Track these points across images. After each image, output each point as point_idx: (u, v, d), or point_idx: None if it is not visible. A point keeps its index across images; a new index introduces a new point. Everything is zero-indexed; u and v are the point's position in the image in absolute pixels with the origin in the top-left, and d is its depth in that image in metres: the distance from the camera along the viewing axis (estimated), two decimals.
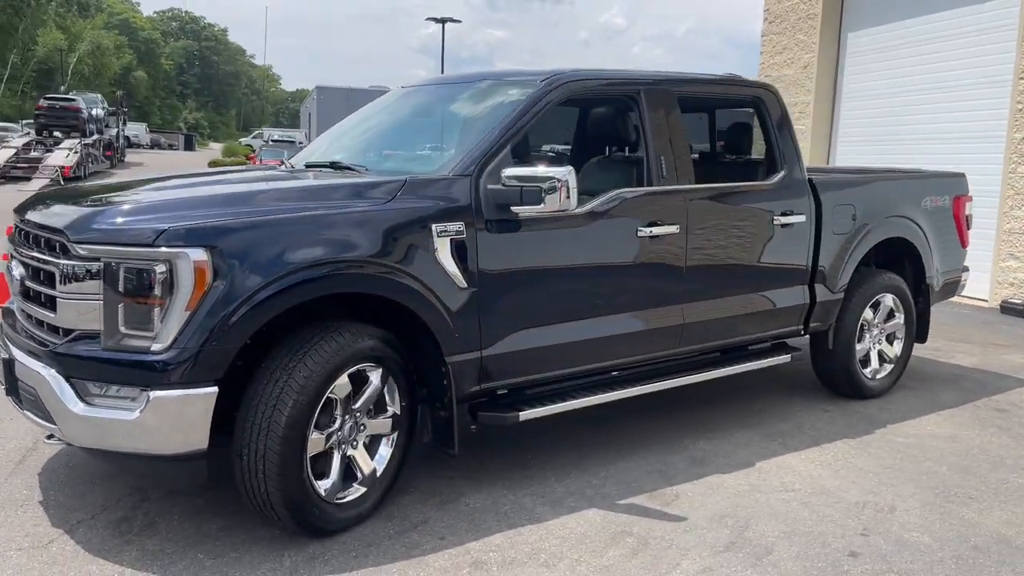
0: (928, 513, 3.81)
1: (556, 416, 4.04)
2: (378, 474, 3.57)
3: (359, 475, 3.51)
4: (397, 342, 3.55)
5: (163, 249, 2.99)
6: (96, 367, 3.06)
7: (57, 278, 3.15)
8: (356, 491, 3.49)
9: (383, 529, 3.50)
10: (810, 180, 5.09)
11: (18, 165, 26.18)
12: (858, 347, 5.48)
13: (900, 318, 5.71)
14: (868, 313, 5.49)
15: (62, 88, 45.86)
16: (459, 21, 44.10)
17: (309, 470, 3.26)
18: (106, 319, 3.04)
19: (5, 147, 27.93)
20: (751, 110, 5.12)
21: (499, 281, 3.75)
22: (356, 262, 3.32)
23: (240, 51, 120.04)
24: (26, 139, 30.28)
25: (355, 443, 3.49)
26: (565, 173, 3.64)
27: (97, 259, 3.04)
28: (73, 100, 33.74)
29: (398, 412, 3.61)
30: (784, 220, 4.85)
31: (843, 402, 5.49)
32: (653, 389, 4.43)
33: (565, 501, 3.82)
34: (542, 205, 3.64)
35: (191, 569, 3.12)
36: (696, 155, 5.40)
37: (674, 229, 4.31)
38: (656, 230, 4.25)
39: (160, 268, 2.98)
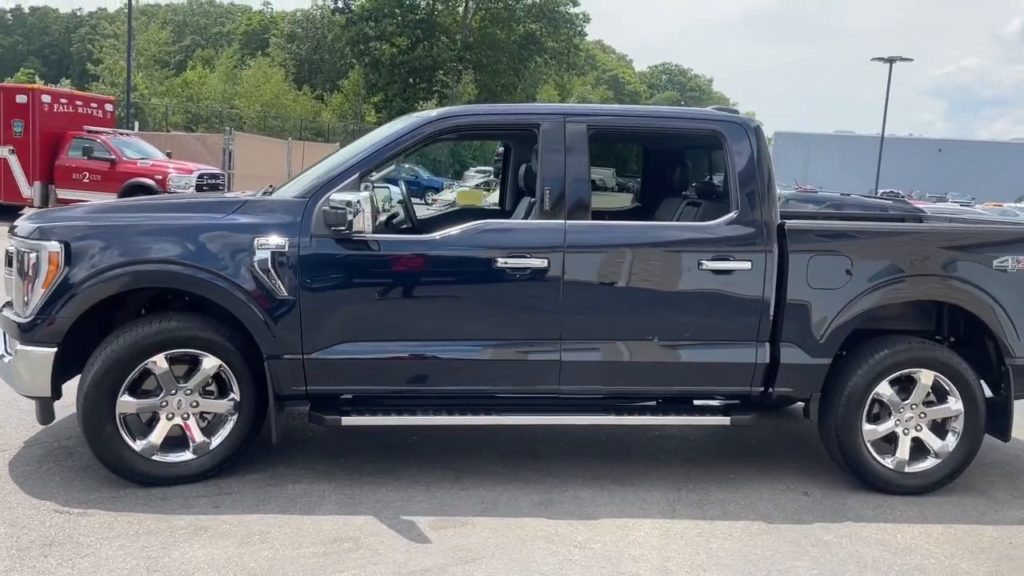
0: None
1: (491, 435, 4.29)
2: (211, 447, 4.25)
3: (190, 443, 4.23)
4: (236, 336, 4.19)
5: (33, 241, 4.09)
6: (7, 324, 4.26)
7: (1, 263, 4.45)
8: (182, 456, 4.22)
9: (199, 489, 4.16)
10: (781, 225, 4.49)
11: None
12: (871, 428, 4.58)
13: (955, 404, 4.61)
14: (886, 388, 4.57)
15: None
16: (910, 59, 40.42)
17: (120, 426, 4.08)
18: (13, 291, 4.23)
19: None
20: (711, 146, 4.69)
21: (326, 294, 4.18)
22: (170, 262, 4.07)
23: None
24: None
25: (187, 416, 4.21)
26: (361, 199, 3.99)
27: (14, 248, 4.24)
28: None
29: (237, 399, 4.24)
30: (716, 266, 4.38)
31: (846, 489, 4.62)
32: (516, 422, 4.43)
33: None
34: (348, 228, 4.02)
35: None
36: (614, 187, 5.09)
37: (540, 263, 4.25)
38: (519, 262, 4.25)
39: (32, 255, 4.07)
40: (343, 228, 4.04)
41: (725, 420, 4.54)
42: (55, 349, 4.06)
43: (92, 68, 49.63)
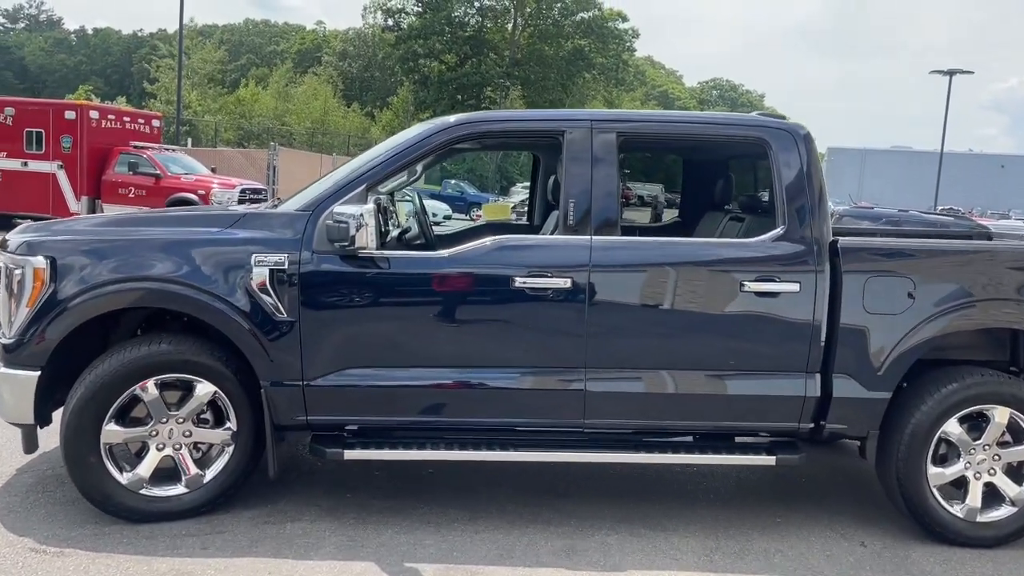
0: None
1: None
2: (205, 480, 3.92)
3: (183, 476, 3.91)
4: (232, 360, 3.87)
5: (20, 256, 3.82)
6: None
7: None
8: (173, 490, 3.89)
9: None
10: (834, 242, 4.02)
11: None
12: (937, 471, 4.07)
13: None
14: (954, 427, 4.05)
15: None
16: (970, 72, 39.25)
17: (105, 457, 3.77)
18: (1, 309, 3.96)
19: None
20: (755, 155, 4.25)
21: (328, 315, 3.84)
22: (157, 279, 3.77)
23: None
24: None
25: (179, 447, 3.90)
26: (364, 212, 3.64)
27: (2, 264, 3.98)
28: None
29: (234, 428, 3.92)
30: (761, 287, 3.93)
31: (908, 540, 4.11)
32: (537, 458, 4.02)
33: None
34: (351, 243, 3.68)
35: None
36: (663, 203, 4.65)
37: (563, 283, 3.85)
38: (539, 282, 3.85)
39: (17, 271, 3.80)
40: (346, 243, 3.69)
41: (770, 460, 4.06)
42: (38, 373, 3.77)
43: (149, 87, 50.79)
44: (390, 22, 56.34)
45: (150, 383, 3.80)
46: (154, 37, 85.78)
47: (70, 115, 17.87)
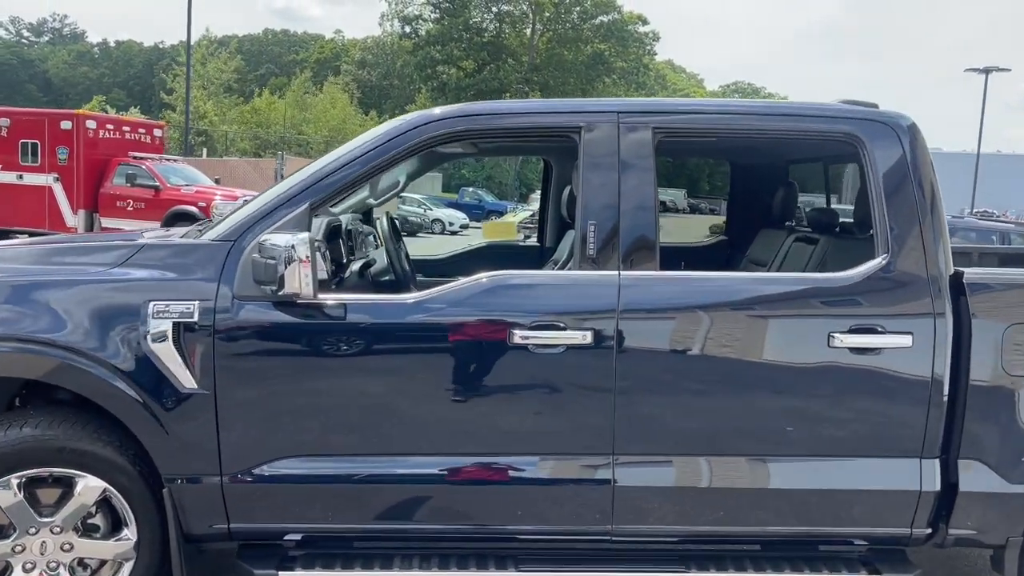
0: None
1: None
2: None
3: None
4: (130, 446, 2.82)
5: None
6: None
7: None
8: None
9: None
10: (956, 275, 2.90)
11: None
12: None
13: None
14: None
15: None
16: (1008, 70, 37.71)
17: None
18: None
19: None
20: (837, 156, 3.14)
21: (257, 384, 2.77)
22: (18, 339, 2.71)
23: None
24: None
25: (56, 565, 2.84)
26: (297, 243, 2.57)
27: None
28: None
29: (134, 538, 2.86)
30: (857, 341, 2.81)
31: None
32: None
33: None
34: (279, 285, 2.61)
35: None
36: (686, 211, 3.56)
37: (581, 338, 2.76)
38: (548, 337, 2.76)
39: None
40: (274, 286, 2.63)
41: None
42: None
43: (166, 97, 50.32)
44: (407, 29, 55.63)
45: (11, 481, 2.75)
46: (175, 49, 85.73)
47: (66, 125, 17.00)
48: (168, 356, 2.71)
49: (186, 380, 2.73)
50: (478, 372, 2.80)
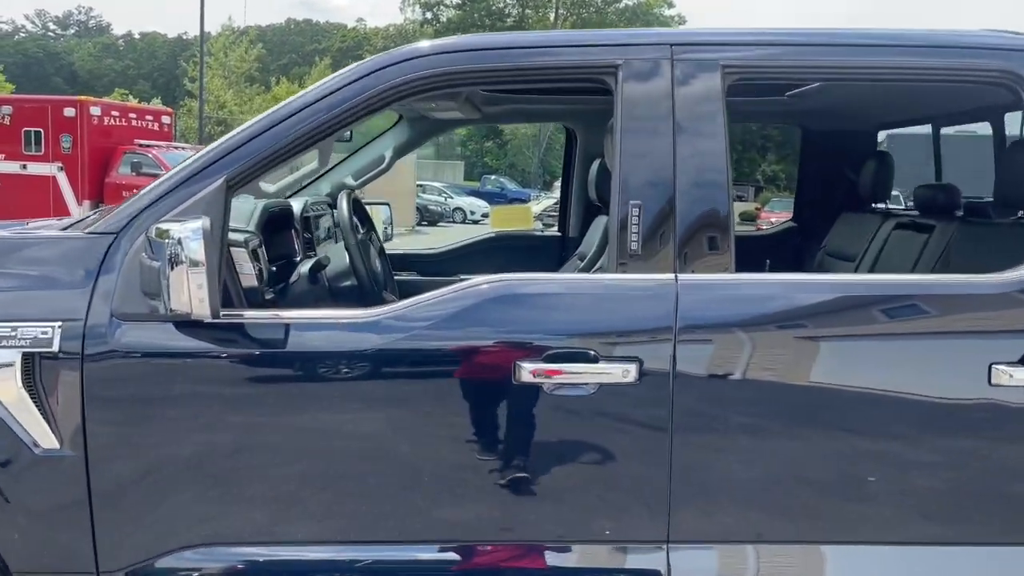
0: None
1: None
2: None
3: None
4: None
5: None
6: None
7: None
8: None
9: None
10: None
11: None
12: None
13: None
14: None
15: None
16: None
17: None
18: None
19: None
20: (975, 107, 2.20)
21: (149, 442, 1.91)
22: None
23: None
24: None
25: None
26: (184, 238, 1.69)
27: None
28: None
29: None
30: None
31: None
32: None
33: None
34: (164, 299, 1.74)
35: None
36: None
37: (620, 372, 1.86)
38: (570, 373, 1.87)
39: None
40: (161, 299, 1.76)
41: None
42: None
43: (189, 85, 49.87)
44: (428, 15, 54.68)
45: None
46: (198, 40, 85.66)
47: (69, 112, 16.30)
48: (15, 402, 1.85)
49: (42, 437, 1.87)
50: (468, 424, 1.91)
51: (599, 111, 2.38)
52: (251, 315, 1.93)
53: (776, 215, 18.96)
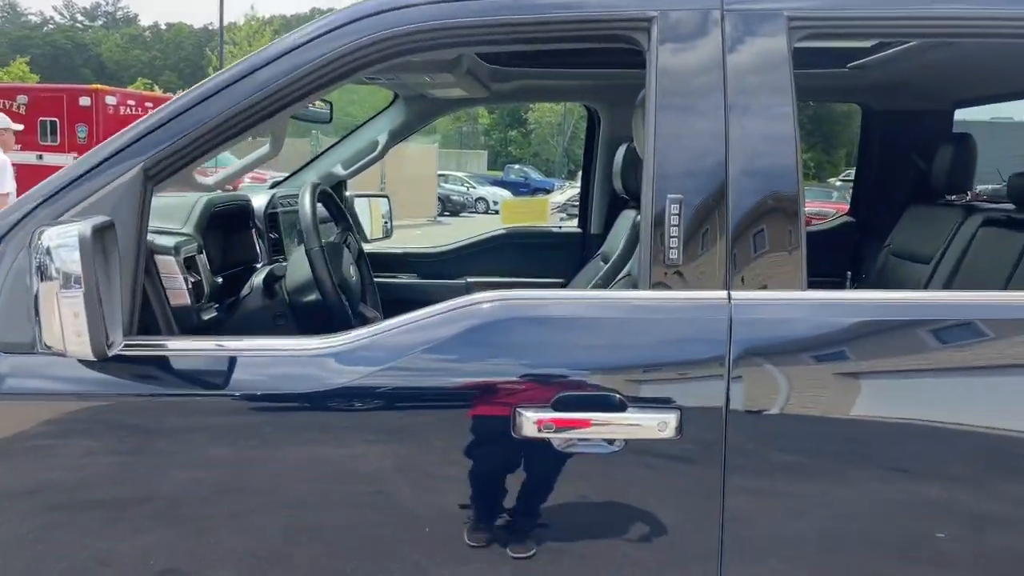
0: None
1: None
2: None
3: None
4: None
5: None
6: None
7: None
8: None
9: None
10: None
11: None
12: None
13: None
14: None
15: None
16: None
17: None
18: None
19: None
20: None
21: (40, 515, 1.47)
22: None
23: None
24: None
25: None
26: (55, 245, 1.25)
27: None
28: None
29: None
30: None
31: None
32: None
33: None
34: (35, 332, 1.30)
35: None
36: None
37: (661, 426, 1.39)
38: (592, 421, 1.40)
39: None
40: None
41: None
42: None
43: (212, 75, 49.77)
44: None
45: None
46: (225, 30, 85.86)
47: (85, 101, 16.05)
48: None
49: None
50: (449, 492, 1.45)
51: (627, 86, 1.91)
52: (169, 346, 1.49)
53: (807, 204, 18.35)
